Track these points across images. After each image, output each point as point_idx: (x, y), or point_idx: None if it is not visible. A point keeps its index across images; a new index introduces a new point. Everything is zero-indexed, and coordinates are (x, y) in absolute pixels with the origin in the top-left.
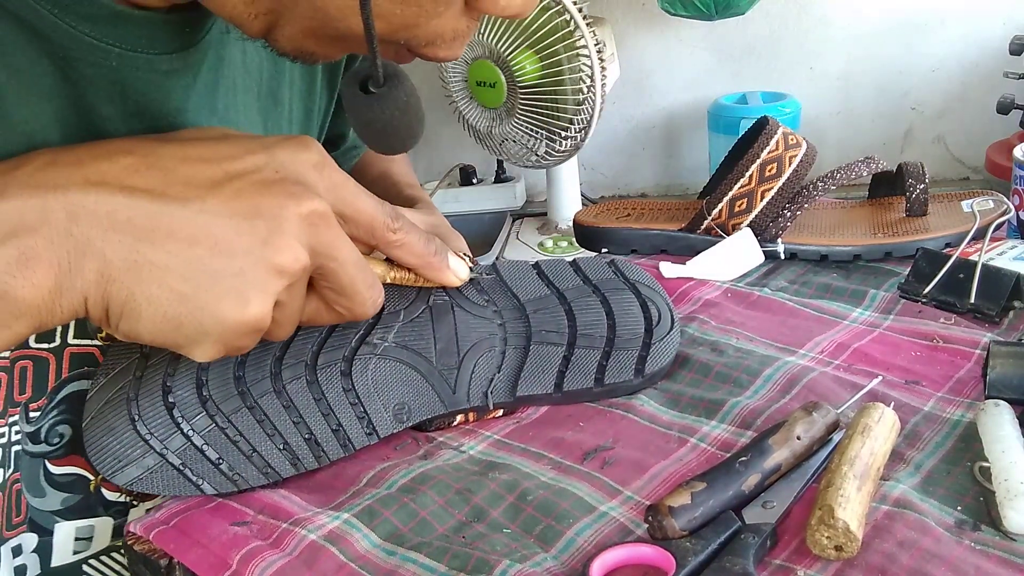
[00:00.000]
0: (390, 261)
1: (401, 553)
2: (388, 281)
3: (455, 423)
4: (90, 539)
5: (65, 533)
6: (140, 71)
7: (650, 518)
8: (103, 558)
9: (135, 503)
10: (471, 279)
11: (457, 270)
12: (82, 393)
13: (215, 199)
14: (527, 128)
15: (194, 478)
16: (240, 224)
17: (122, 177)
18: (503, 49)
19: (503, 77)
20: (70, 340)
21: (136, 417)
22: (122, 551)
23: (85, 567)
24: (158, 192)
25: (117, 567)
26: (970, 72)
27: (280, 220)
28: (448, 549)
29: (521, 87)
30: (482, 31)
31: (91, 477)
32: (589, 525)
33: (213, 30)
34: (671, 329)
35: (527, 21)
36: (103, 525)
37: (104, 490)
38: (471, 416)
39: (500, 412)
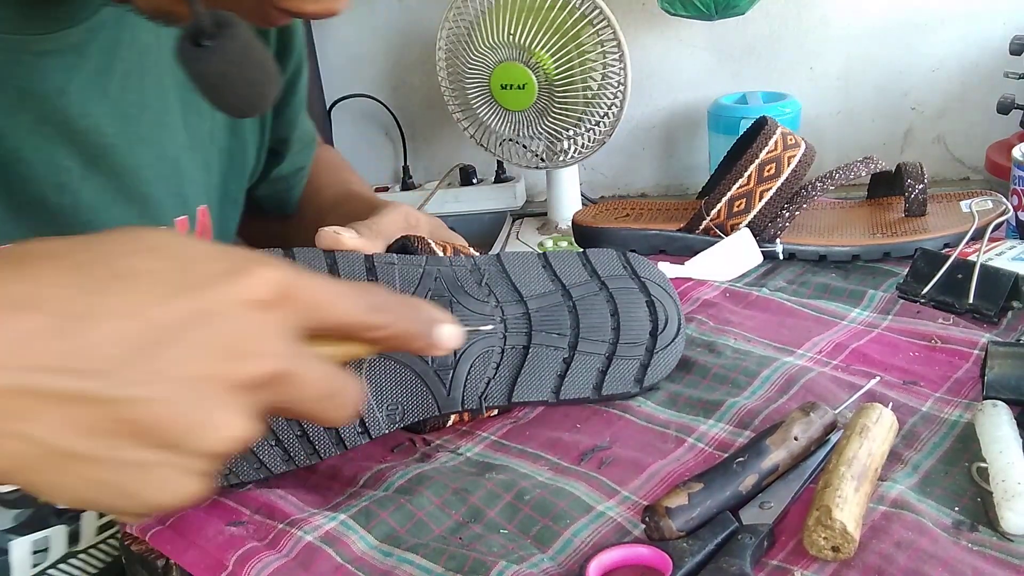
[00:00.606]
0: None
1: (398, 554)
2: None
3: (450, 423)
4: (46, 550)
5: (22, 549)
6: (13, 53)
7: (647, 519)
8: (61, 565)
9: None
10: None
11: (448, 341)
12: None
13: (137, 374)
14: (562, 126)
15: None
16: (169, 406)
17: (24, 355)
18: (538, 48)
19: (534, 77)
20: None
21: None
22: (78, 556)
23: None
24: (72, 372)
25: (76, 571)
26: (970, 72)
27: (218, 395)
28: (445, 550)
29: (557, 85)
30: (513, 32)
31: None
32: (586, 525)
33: (106, 12)
34: (676, 335)
35: (560, 19)
36: (57, 534)
37: None
38: (466, 416)
39: (496, 411)
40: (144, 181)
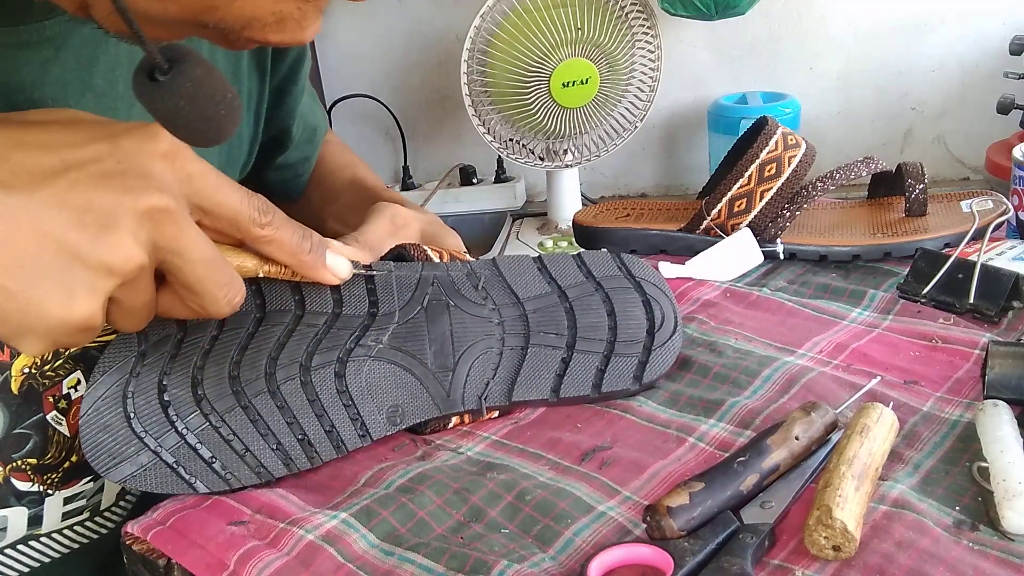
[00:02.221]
0: None
1: (399, 554)
2: (261, 275)
3: (451, 425)
4: (4, 529)
5: None
6: None
7: (648, 518)
8: (20, 547)
9: (50, 492)
10: (370, 275)
11: (336, 268)
12: None
13: (47, 191)
14: (622, 116)
15: (187, 476)
16: (70, 218)
17: None
18: (606, 41)
19: (598, 70)
20: None
21: (131, 415)
22: (40, 539)
23: (1, 556)
24: None
25: (36, 554)
26: (970, 72)
27: (113, 216)
28: (446, 549)
29: (621, 76)
30: (581, 26)
31: None
32: (587, 525)
33: None
34: (673, 333)
35: (615, 10)
36: (17, 515)
37: (14, 480)
38: (466, 418)
39: (496, 413)
40: None
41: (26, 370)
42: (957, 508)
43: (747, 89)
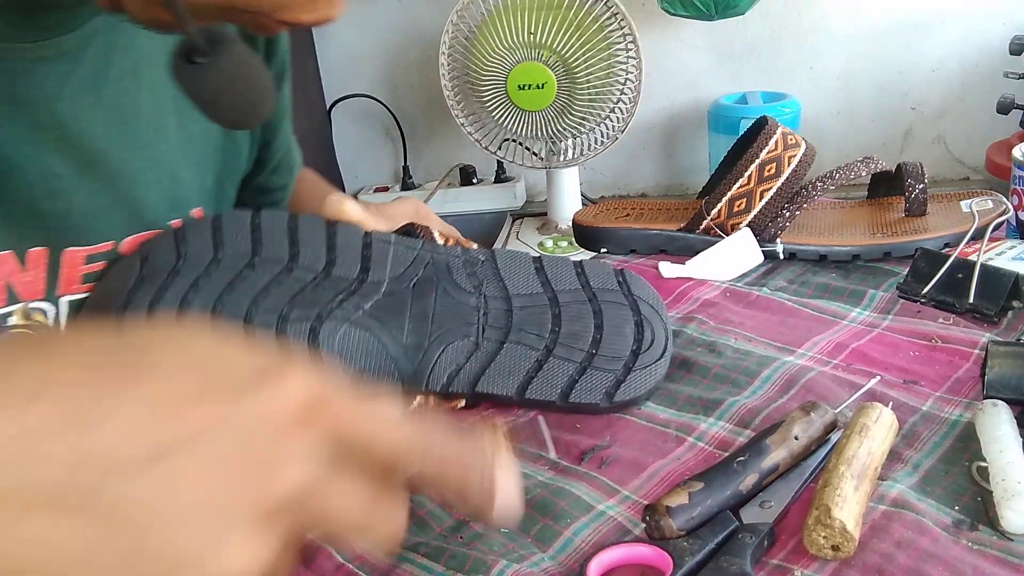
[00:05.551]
0: None
1: (398, 553)
2: None
3: (413, 405)
4: None
5: None
6: (7, 61)
7: (647, 518)
8: None
9: None
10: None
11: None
12: None
13: (148, 495)
14: (583, 124)
15: None
16: (184, 516)
17: (22, 453)
18: (559, 46)
19: (554, 76)
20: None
21: None
22: None
23: None
24: (67, 482)
25: None
26: (970, 72)
27: (237, 516)
28: (445, 549)
29: (579, 82)
30: (533, 31)
31: None
32: (587, 525)
33: (102, 18)
34: (660, 357)
35: (579, 17)
36: None
37: None
38: (431, 400)
39: (462, 402)
40: (137, 185)
41: None
42: (956, 508)
43: (747, 89)
